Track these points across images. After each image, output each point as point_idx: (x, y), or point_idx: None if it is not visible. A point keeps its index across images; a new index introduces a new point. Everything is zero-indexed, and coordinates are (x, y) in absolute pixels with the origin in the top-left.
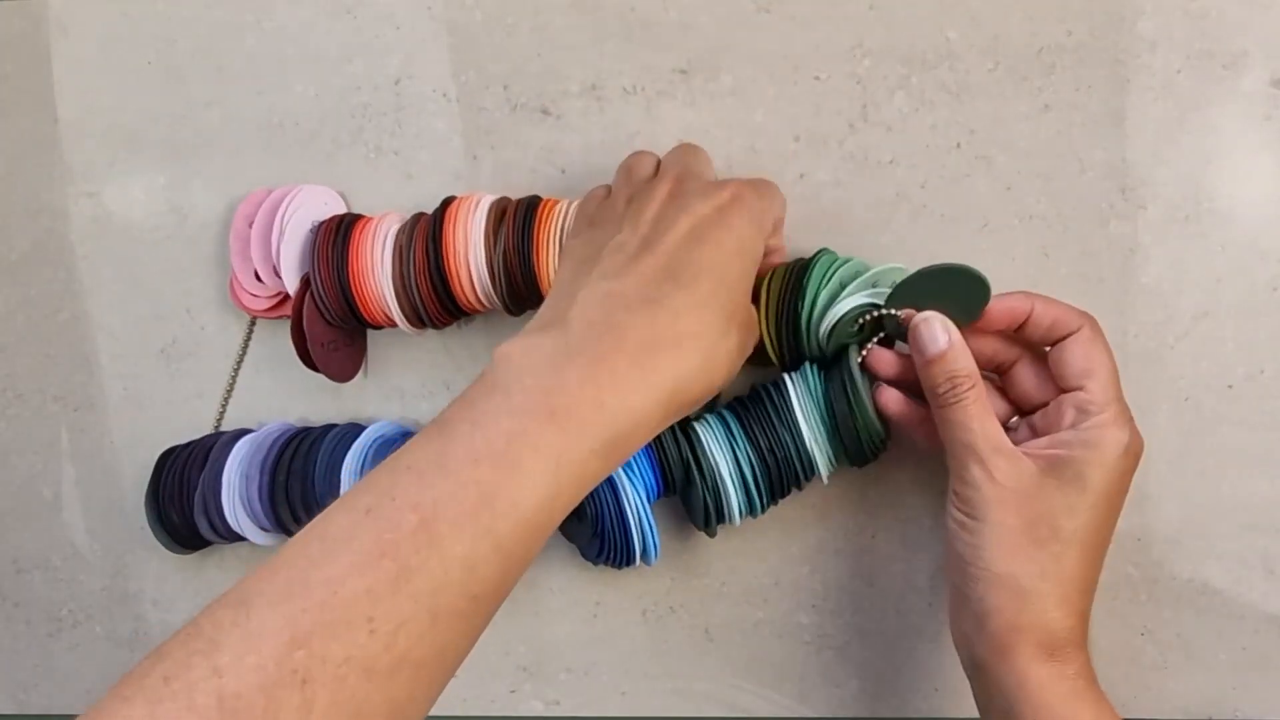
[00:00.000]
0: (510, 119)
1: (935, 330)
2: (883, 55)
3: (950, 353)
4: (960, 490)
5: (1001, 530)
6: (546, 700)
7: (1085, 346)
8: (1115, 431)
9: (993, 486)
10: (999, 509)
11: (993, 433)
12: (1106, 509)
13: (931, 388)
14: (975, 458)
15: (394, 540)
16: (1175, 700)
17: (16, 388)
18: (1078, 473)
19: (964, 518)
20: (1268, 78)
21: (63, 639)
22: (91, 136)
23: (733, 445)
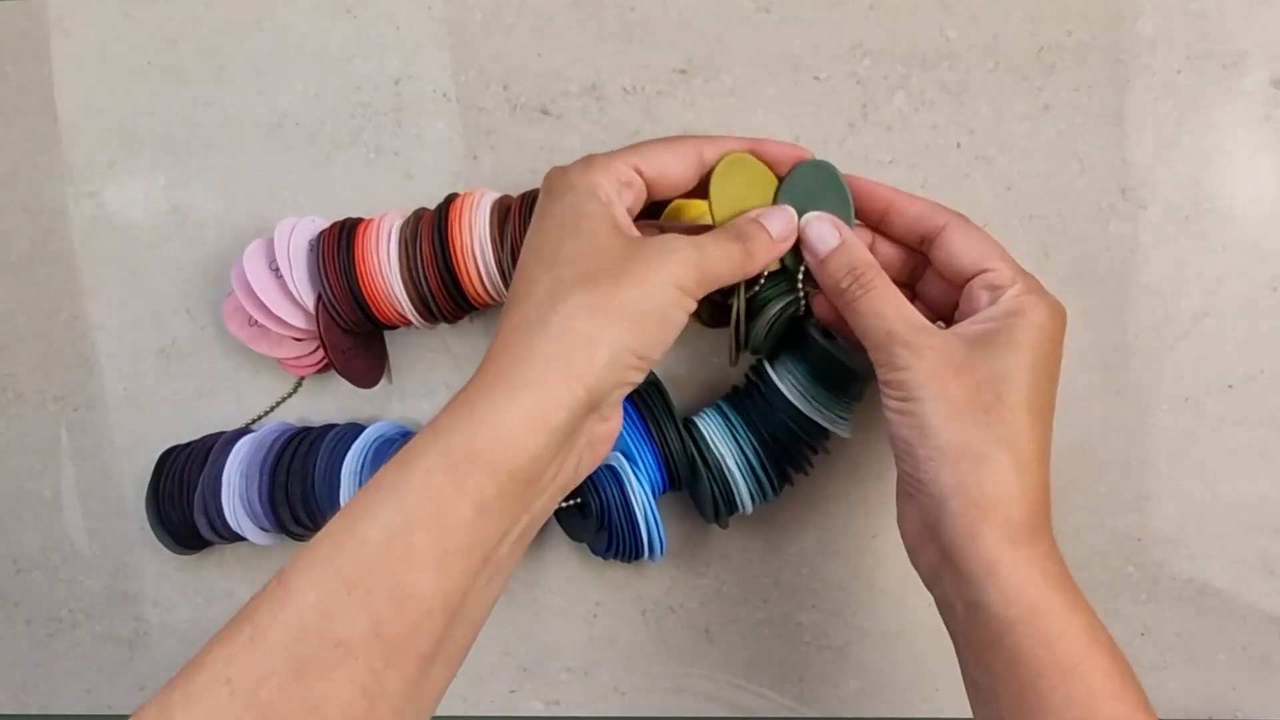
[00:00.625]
0: (510, 119)
1: (822, 228)
2: (883, 55)
3: (843, 246)
4: (891, 378)
5: (944, 402)
6: (546, 700)
7: (965, 234)
8: (1035, 298)
9: (924, 362)
10: (937, 382)
11: (910, 314)
12: (1045, 371)
13: (834, 285)
14: (898, 341)
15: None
16: (1175, 700)
17: (16, 388)
18: (1009, 338)
19: (901, 403)
20: (1268, 78)
21: (63, 639)
22: (91, 136)
23: (734, 434)
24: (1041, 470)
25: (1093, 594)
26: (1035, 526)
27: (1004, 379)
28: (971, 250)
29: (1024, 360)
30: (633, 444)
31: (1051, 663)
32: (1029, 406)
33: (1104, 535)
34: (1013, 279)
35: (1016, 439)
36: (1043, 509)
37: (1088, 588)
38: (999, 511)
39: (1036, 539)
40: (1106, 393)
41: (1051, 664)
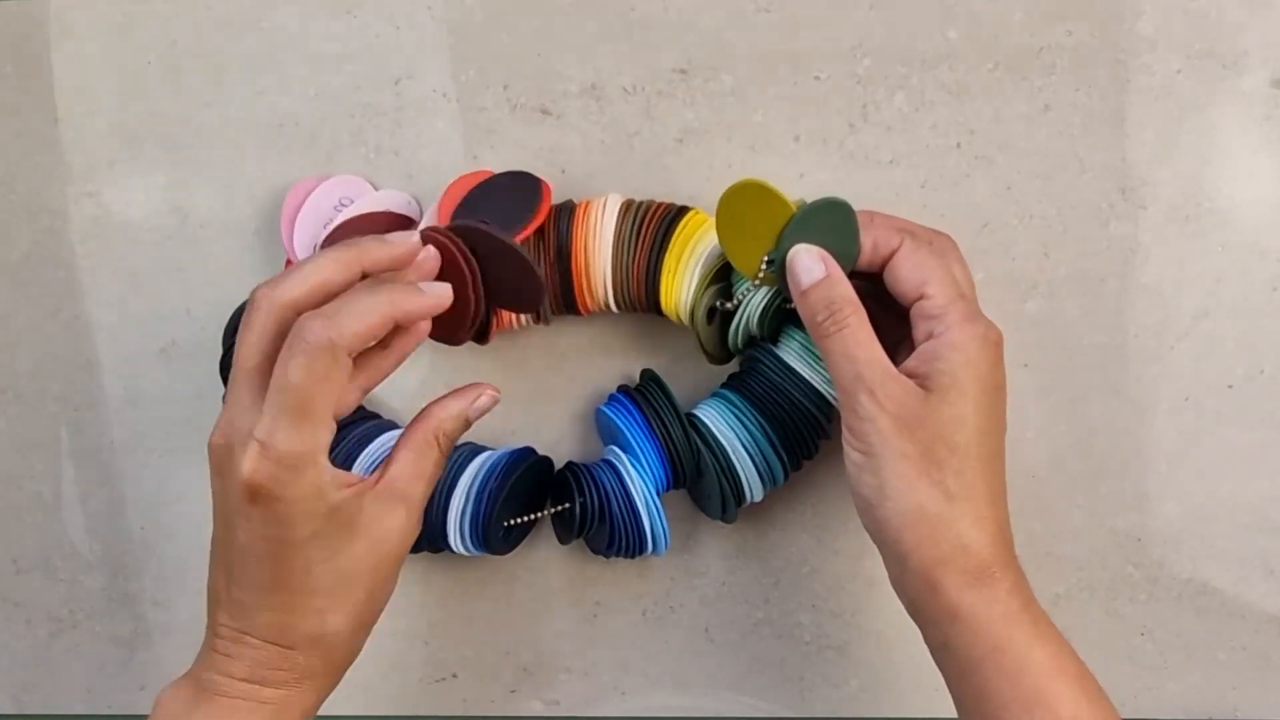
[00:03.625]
0: (510, 119)
1: (809, 260)
2: (883, 55)
3: (826, 281)
4: (854, 425)
5: (901, 461)
6: (546, 700)
7: (910, 258)
8: (968, 327)
9: (885, 416)
10: (895, 438)
11: (879, 358)
12: (990, 409)
13: (811, 319)
14: (864, 387)
15: None
16: (1175, 700)
17: (16, 388)
18: (952, 379)
19: (861, 456)
20: (1268, 78)
21: (63, 639)
22: (91, 136)
23: (739, 417)
24: (998, 510)
25: (1093, 594)
26: (996, 565)
27: (954, 428)
28: (911, 273)
29: (969, 404)
30: (634, 439)
31: (1015, 696)
32: (980, 451)
33: (1104, 535)
34: (945, 306)
35: (971, 489)
36: (1003, 545)
37: (1088, 588)
38: (956, 563)
39: (998, 578)
40: (1106, 393)
41: (1015, 697)
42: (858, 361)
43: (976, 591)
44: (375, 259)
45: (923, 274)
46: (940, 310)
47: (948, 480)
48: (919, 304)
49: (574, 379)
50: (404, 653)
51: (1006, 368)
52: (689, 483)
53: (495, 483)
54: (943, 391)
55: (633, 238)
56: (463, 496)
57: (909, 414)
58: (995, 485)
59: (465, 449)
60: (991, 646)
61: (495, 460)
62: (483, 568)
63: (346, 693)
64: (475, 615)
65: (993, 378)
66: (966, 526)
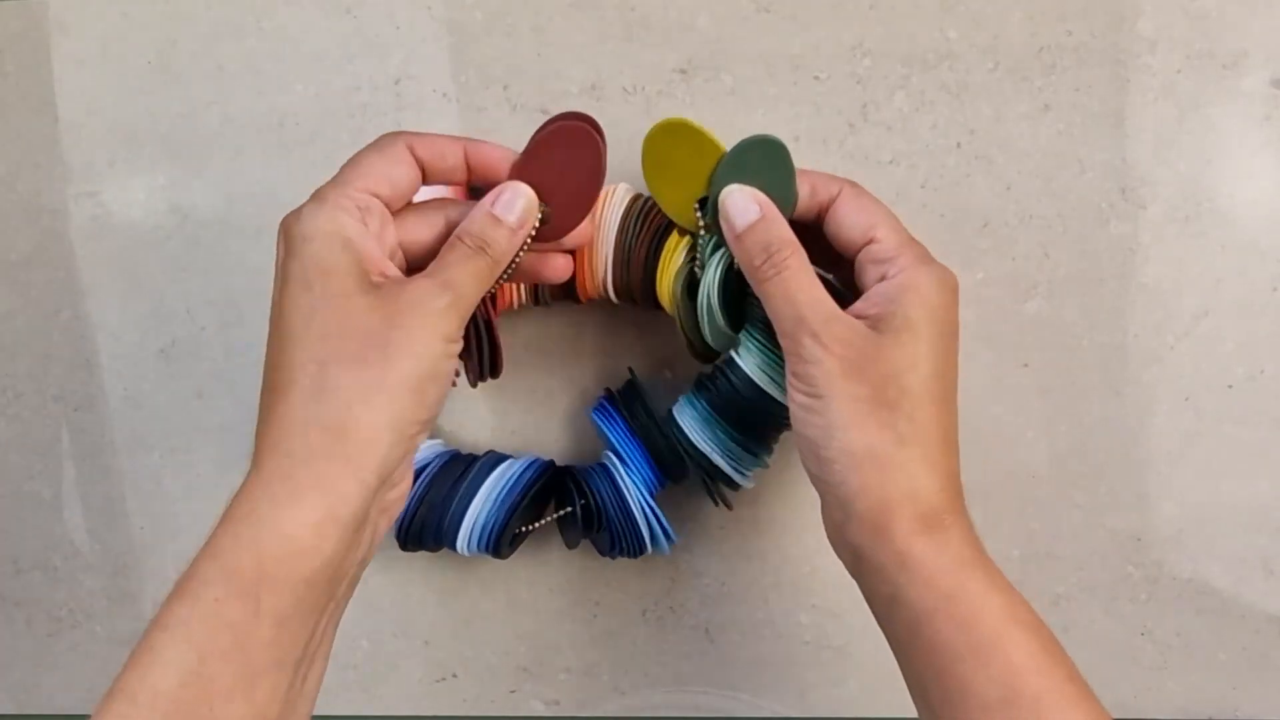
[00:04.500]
0: (510, 119)
1: (743, 200)
2: (883, 55)
3: (762, 222)
4: (799, 370)
5: (849, 402)
6: (546, 700)
7: (854, 203)
8: (923, 269)
9: (832, 358)
10: (843, 380)
11: (821, 299)
12: (944, 351)
13: (749, 263)
14: (807, 330)
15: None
16: (1175, 700)
17: (16, 388)
18: (905, 319)
19: (808, 399)
20: (1268, 78)
21: (63, 639)
22: (91, 136)
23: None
24: (950, 457)
25: (1093, 594)
26: (947, 512)
27: (907, 370)
28: (857, 218)
29: (923, 346)
30: (620, 445)
31: (970, 646)
32: (933, 395)
33: (1104, 535)
34: (898, 249)
35: (923, 433)
36: (953, 494)
37: (1088, 588)
38: (906, 508)
39: (948, 525)
40: (1106, 393)
41: (970, 647)
42: (799, 304)
43: (927, 538)
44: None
45: (870, 218)
46: (892, 253)
47: (899, 423)
48: (869, 248)
49: (573, 377)
50: (404, 653)
51: (1006, 367)
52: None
53: (516, 495)
54: (895, 332)
55: (637, 226)
56: (480, 505)
57: (858, 354)
58: (948, 431)
59: (489, 457)
60: (944, 595)
61: (516, 472)
62: (483, 568)
63: (347, 693)
64: (475, 615)
65: (948, 321)
66: (918, 470)
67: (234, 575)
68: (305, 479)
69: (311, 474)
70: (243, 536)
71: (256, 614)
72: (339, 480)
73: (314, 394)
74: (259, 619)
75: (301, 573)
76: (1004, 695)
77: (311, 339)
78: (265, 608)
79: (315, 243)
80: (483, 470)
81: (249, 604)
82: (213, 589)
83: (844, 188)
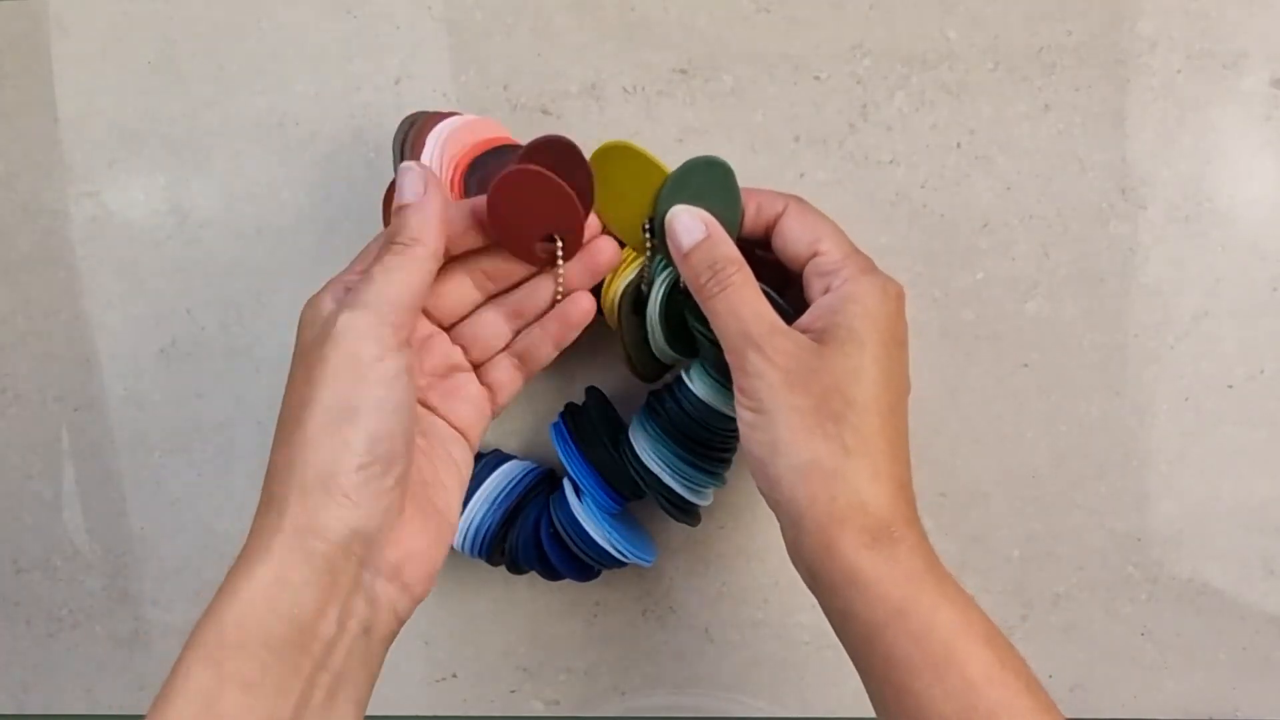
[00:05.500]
0: (510, 119)
1: (689, 220)
2: (883, 55)
3: (707, 241)
4: (744, 384)
5: (794, 415)
6: (546, 700)
7: (799, 217)
8: (865, 279)
9: (775, 371)
10: (786, 393)
11: (766, 314)
12: (890, 361)
13: (694, 280)
14: (752, 344)
15: None
16: (1175, 700)
17: (16, 388)
18: (849, 330)
19: (753, 414)
20: (1268, 78)
21: (63, 639)
22: (91, 136)
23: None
24: (899, 467)
25: (1093, 594)
26: (896, 524)
27: (851, 380)
28: (801, 232)
29: (867, 357)
30: (575, 471)
31: (923, 660)
32: (880, 405)
33: (1104, 535)
34: (841, 262)
35: (869, 444)
36: (904, 504)
37: (1088, 588)
38: (854, 521)
39: (898, 538)
40: (1106, 393)
41: (924, 661)
42: (744, 319)
43: (876, 551)
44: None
45: (815, 232)
46: (836, 265)
47: (844, 435)
48: (814, 261)
49: (574, 377)
50: (404, 653)
51: (1007, 367)
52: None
53: (514, 500)
54: (839, 344)
55: None
56: (478, 503)
57: (801, 367)
58: (896, 442)
59: (492, 457)
60: (895, 609)
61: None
62: (483, 568)
63: None
64: (475, 615)
65: (893, 331)
66: (864, 483)
67: (203, 642)
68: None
69: (264, 544)
70: (212, 610)
71: (221, 681)
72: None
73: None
74: (222, 684)
75: (258, 637)
76: (960, 709)
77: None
78: (229, 673)
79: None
80: (484, 469)
81: (214, 671)
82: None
83: (789, 203)
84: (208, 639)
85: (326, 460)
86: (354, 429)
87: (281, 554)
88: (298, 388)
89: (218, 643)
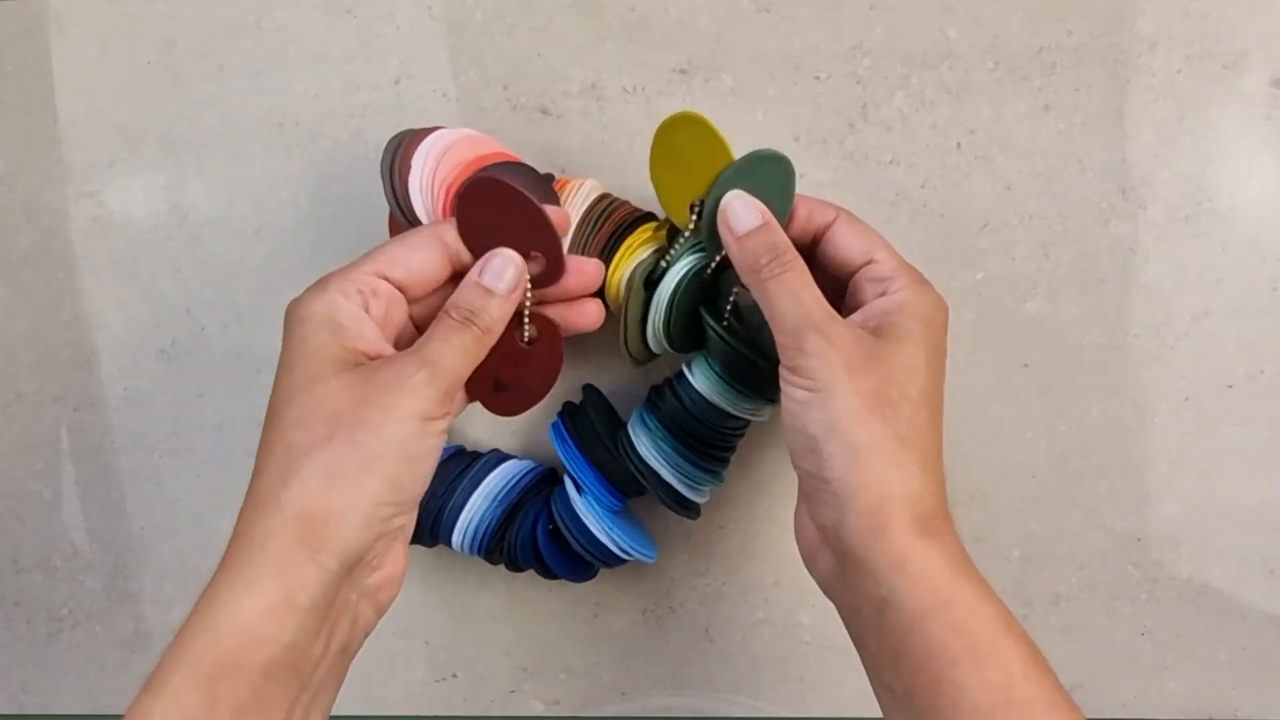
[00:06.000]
0: (510, 119)
1: (745, 206)
2: (883, 55)
3: (765, 227)
4: (800, 364)
5: (854, 397)
6: (546, 700)
7: (851, 227)
8: (920, 289)
9: (836, 352)
10: (847, 374)
11: (823, 301)
12: (938, 365)
13: (752, 264)
14: (811, 326)
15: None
16: (1175, 700)
17: (16, 388)
18: (906, 331)
19: (808, 393)
20: (1268, 78)
21: (63, 639)
22: (91, 136)
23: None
24: (940, 464)
25: (1093, 594)
26: (938, 518)
27: (907, 373)
28: (855, 241)
29: (921, 354)
30: (576, 469)
31: (966, 650)
32: (928, 400)
33: (1104, 535)
34: (896, 270)
35: (921, 436)
36: (943, 502)
37: (1088, 587)
38: (906, 508)
39: (942, 530)
40: (1106, 393)
41: (966, 652)
42: (804, 302)
43: (925, 540)
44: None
45: (868, 242)
46: (892, 273)
47: (899, 423)
48: (868, 268)
49: (576, 377)
50: (404, 653)
51: (1007, 368)
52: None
53: (514, 499)
54: (896, 340)
55: (597, 223)
56: (478, 502)
57: (861, 353)
58: (939, 437)
59: (492, 456)
60: (941, 599)
61: (516, 475)
62: (483, 567)
63: (346, 692)
64: (475, 615)
65: (941, 343)
66: (916, 472)
67: (193, 665)
68: (263, 565)
69: (269, 559)
70: (203, 624)
71: (213, 704)
72: (296, 566)
73: (279, 478)
74: (215, 709)
75: (257, 661)
76: (998, 702)
77: (286, 422)
78: (221, 696)
79: (305, 325)
80: (484, 468)
81: (205, 694)
82: (173, 679)
83: (841, 213)
84: (201, 657)
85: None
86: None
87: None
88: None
89: (213, 663)
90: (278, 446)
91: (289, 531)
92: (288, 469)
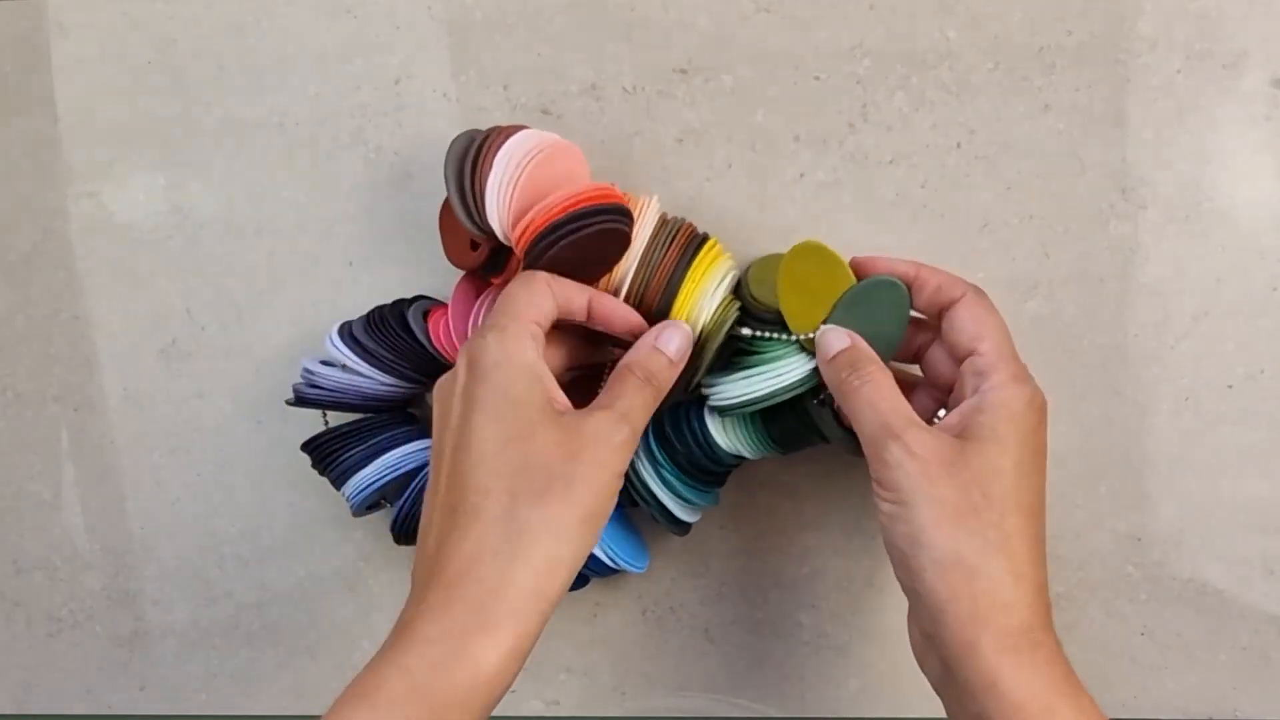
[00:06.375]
0: (510, 119)
1: (834, 337)
2: (883, 55)
3: (851, 347)
4: (884, 476)
5: (935, 507)
6: (546, 700)
7: (971, 310)
8: (1015, 387)
9: (915, 461)
10: (927, 484)
11: (904, 408)
12: (1030, 466)
13: (836, 379)
14: (891, 434)
15: None
16: (1175, 700)
17: (16, 388)
18: (992, 431)
19: (893, 506)
20: (1268, 78)
21: (63, 639)
22: (91, 136)
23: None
24: (1038, 571)
25: (1093, 594)
26: (1035, 630)
27: (991, 477)
28: (968, 325)
29: (1009, 456)
30: None
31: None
32: (1019, 505)
33: (1104, 535)
34: (996, 364)
35: (1009, 542)
36: (1042, 611)
37: (1088, 588)
38: (996, 622)
39: (1037, 644)
40: (1106, 393)
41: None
42: (882, 411)
43: (1018, 657)
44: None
45: (980, 328)
46: (989, 367)
47: (986, 531)
48: (970, 360)
49: None
50: None
51: None
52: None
53: None
54: (980, 442)
55: (666, 243)
56: None
57: (941, 459)
58: (1035, 546)
59: None
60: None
61: None
62: None
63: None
64: None
65: (1034, 440)
66: (1007, 583)
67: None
68: (498, 609)
69: (505, 604)
70: (435, 659)
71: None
72: (528, 616)
73: (503, 524)
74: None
75: (485, 701)
76: None
77: (502, 470)
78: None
79: (504, 370)
80: None
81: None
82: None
83: (968, 292)
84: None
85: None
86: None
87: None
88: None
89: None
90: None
91: (525, 585)
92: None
